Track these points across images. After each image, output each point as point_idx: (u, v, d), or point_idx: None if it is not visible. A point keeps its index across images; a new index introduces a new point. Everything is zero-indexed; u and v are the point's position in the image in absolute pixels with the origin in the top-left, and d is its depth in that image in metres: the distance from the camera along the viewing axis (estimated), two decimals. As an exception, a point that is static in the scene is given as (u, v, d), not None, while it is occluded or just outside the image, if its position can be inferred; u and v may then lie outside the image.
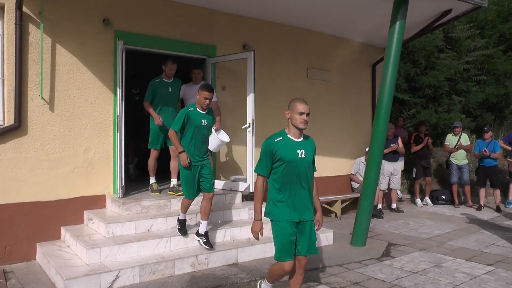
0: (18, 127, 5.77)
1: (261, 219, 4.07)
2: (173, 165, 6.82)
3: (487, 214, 9.55)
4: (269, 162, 3.94)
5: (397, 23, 6.47)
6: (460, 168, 10.38)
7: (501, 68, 13.94)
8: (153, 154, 6.82)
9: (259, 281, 4.59)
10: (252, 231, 4.08)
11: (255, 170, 4.06)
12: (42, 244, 5.87)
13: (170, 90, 6.76)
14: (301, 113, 3.86)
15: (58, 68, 6.11)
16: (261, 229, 4.10)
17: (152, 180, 6.88)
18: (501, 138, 11.36)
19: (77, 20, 6.26)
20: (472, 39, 14.02)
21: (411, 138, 10.90)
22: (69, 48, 6.20)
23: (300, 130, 3.96)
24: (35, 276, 5.29)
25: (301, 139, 4.01)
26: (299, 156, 3.91)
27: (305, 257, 4.06)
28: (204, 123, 5.63)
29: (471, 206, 10.41)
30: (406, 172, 11.41)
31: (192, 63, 7.51)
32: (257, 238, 4.12)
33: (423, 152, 10.57)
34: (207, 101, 5.52)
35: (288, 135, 3.97)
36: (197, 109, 5.61)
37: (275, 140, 3.91)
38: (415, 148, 10.61)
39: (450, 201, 10.73)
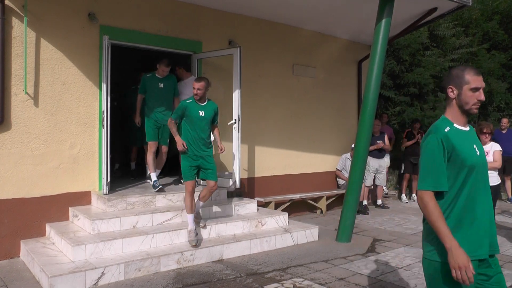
0: (1, 122, 5.70)
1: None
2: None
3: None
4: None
5: (383, 20, 6.51)
6: None
7: (485, 66, 14.12)
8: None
9: None
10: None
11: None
12: (26, 241, 5.82)
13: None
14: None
15: (43, 63, 6.04)
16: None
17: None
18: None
19: (62, 14, 6.19)
20: (456, 37, 14.17)
21: (404, 134, 11.02)
22: (54, 43, 6.13)
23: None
24: (18, 273, 5.23)
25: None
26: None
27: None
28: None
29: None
30: (393, 168, 11.52)
31: (178, 59, 7.49)
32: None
33: (412, 149, 10.67)
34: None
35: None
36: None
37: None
38: (406, 144, 10.71)
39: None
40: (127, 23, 6.76)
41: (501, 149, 6.47)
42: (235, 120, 6.99)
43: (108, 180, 6.35)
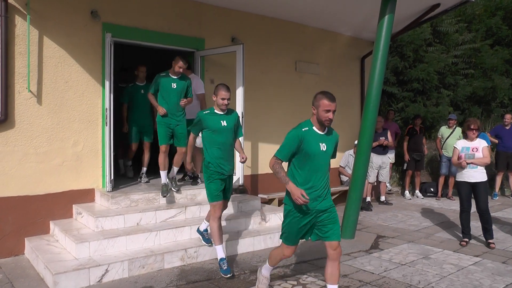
0: (4, 120, 5.71)
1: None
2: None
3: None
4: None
5: (386, 17, 6.49)
6: (450, 160, 10.47)
7: (488, 62, 14.08)
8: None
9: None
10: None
11: None
12: (31, 238, 5.84)
13: (175, 86, 6.36)
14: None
15: (46, 61, 6.05)
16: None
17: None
18: (488, 131, 11.49)
19: (64, 12, 6.19)
20: (459, 33, 14.13)
21: (406, 131, 10.99)
22: (57, 41, 6.13)
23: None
24: (23, 271, 5.25)
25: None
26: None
27: None
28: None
29: (449, 198, 10.55)
30: (396, 165, 11.50)
31: (182, 55, 7.48)
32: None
33: (415, 145, 10.64)
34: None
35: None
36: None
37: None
38: (405, 145, 10.70)
39: (437, 193, 10.83)
40: (130, 21, 6.76)
41: (487, 144, 6.54)
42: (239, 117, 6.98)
43: (112, 178, 6.35)
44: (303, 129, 4.01)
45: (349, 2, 7.70)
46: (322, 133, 4.05)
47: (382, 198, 9.89)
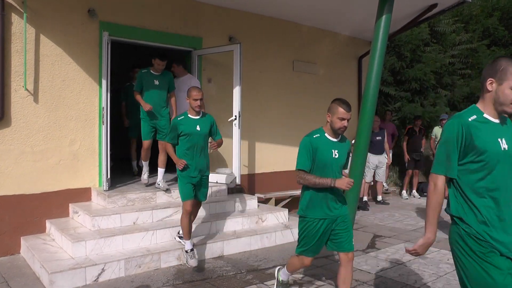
0: (1, 118, 5.69)
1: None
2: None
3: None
4: None
5: (383, 16, 6.48)
6: None
7: (485, 62, 14.10)
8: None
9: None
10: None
11: None
12: (27, 237, 5.82)
13: (157, 83, 6.48)
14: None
15: (42, 59, 6.03)
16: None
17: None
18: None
19: (61, 10, 6.17)
20: (457, 33, 14.16)
21: (405, 130, 11.01)
22: (54, 39, 6.11)
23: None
24: (19, 270, 5.24)
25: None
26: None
27: None
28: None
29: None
30: (394, 165, 11.52)
31: (176, 56, 7.48)
32: None
33: (415, 145, 10.66)
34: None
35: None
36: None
37: None
38: (404, 146, 10.73)
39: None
40: (127, 19, 6.74)
41: None
42: (235, 116, 6.98)
43: (108, 177, 6.34)
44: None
45: (346, 2, 7.70)
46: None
47: (379, 198, 9.90)
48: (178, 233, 5.66)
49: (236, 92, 7.01)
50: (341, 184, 3.66)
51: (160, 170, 6.53)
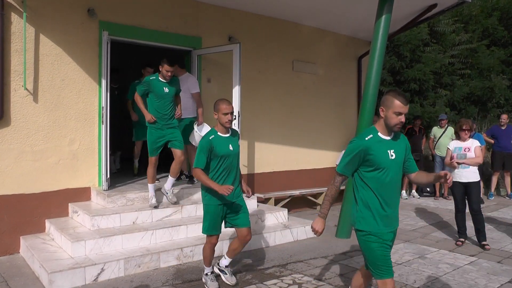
0: (0, 118, 5.68)
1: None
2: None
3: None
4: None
5: (383, 16, 6.49)
6: (443, 159, 10.48)
7: (484, 62, 14.14)
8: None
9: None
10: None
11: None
12: (26, 237, 5.81)
13: (167, 91, 6.04)
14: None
15: (42, 58, 6.03)
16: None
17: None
18: (484, 131, 11.52)
19: (61, 10, 6.17)
20: (456, 33, 14.17)
21: (405, 130, 11.02)
22: (53, 38, 6.11)
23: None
24: (18, 269, 5.24)
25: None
26: None
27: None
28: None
29: (445, 197, 10.58)
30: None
31: (174, 55, 7.47)
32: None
33: (414, 145, 10.66)
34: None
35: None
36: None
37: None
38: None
39: (435, 193, 10.86)
40: (127, 19, 6.74)
41: (480, 144, 6.58)
42: (235, 116, 6.98)
43: (108, 176, 6.34)
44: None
45: (346, 2, 7.71)
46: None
47: (378, 198, 9.88)
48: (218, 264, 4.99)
49: (236, 92, 7.01)
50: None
51: (171, 179, 6.14)
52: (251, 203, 7.01)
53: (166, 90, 6.01)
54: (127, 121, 7.95)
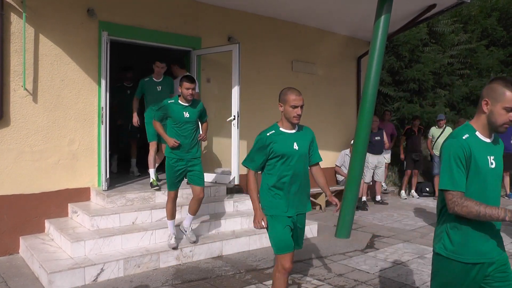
0: (0, 118, 5.68)
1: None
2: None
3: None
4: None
5: (382, 17, 6.50)
6: None
7: (483, 62, 14.14)
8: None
9: None
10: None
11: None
12: (26, 237, 5.81)
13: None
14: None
15: (42, 59, 6.03)
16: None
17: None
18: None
19: (60, 10, 6.17)
20: (455, 34, 14.17)
21: (404, 131, 11.03)
22: (53, 38, 6.11)
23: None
24: (18, 270, 5.24)
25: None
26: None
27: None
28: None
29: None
30: (393, 165, 11.53)
31: (173, 55, 7.49)
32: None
33: (413, 145, 10.68)
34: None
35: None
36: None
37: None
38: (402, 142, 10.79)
39: (434, 193, 10.87)
40: (126, 19, 6.74)
41: None
42: (234, 116, 6.98)
43: (107, 176, 6.34)
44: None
45: (345, 2, 7.71)
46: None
47: (378, 198, 9.91)
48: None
49: (235, 92, 7.01)
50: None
51: (190, 217, 5.57)
52: (251, 203, 7.00)
53: (187, 115, 5.33)
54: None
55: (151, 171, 6.63)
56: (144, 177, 7.55)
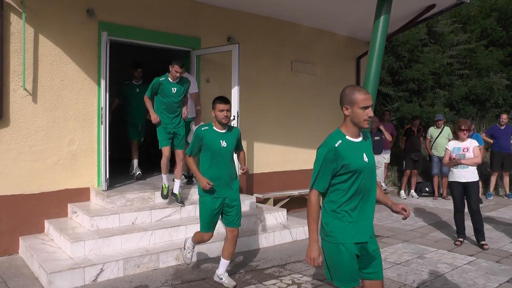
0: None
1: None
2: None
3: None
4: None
5: (382, 17, 6.50)
6: (440, 159, 10.50)
7: (482, 62, 14.16)
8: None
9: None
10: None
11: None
12: (25, 237, 5.81)
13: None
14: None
15: (41, 59, 6.03)
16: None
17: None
18: (483, 131, 11.55)
19: (60, 10, 6.17)
20: (455, 34, 14.19)
21: (403, 131, 11.05)
22: (52, 39, 6.11)
23: None
24: (17, 270, 5.24)
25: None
26: None
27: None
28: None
29: (444, 197, 10.62)
30: (392, 165, 11.53)
31: (173, 55, 7.46)
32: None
33: (413, 145, 10.69)
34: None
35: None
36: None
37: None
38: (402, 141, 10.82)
39: (433, 193, 10.88)
40: (126, 19, 6.74)
41: (479, 145, 6.62)
42: (234, 116, 6.98)
43: (107, 176, 6.34)
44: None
45: (345, 2, 7.71)
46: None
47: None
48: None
49: (235, 92, 7.01)
50: None
51: (224, 262, 4.87)
52: (250, 204, 7.02)
53: (224, 144, 4.74)
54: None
55: (164, 177, 6.24)
56: (144, 177, 7.54)
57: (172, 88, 6.12)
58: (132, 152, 7.83)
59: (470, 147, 6.43)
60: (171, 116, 6.17)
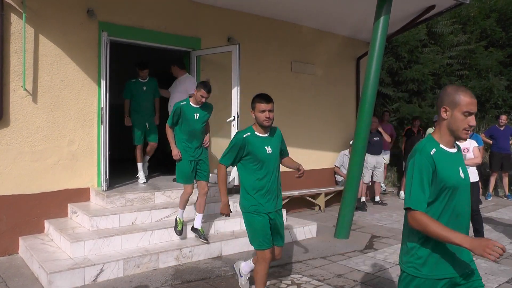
0: (0, 118, 5.69)
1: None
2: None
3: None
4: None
5: (382, 18, 6.52)
6: None
7: (482, 63, 14.17)
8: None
9: None
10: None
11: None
12: (25, 237, 5.82)
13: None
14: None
15: (41, 59, 6.03)
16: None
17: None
18: (483, 132, 11.56)
19: (60, 10, 6.17)
20: (454, 34, 14.20)
21: (404, 131, 11.06)
22: (53, 39, 6.12)
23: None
24: (17, 270, 5.24)
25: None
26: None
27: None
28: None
29: None
30: (392, 166, 11.54)
31: (174, 56, 7.49)
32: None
33: (413, 146, 10.66)
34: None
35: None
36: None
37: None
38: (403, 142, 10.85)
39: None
40: (126, 20, 6.75)
41: (478, 145, 6.66)
42: (234, 117, 6.99)
43: (107, 177, 6.34)
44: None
45: (345, 3, 7.73)
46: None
47: (377, 199, 9.92)
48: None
49: (235, 92, 7.02)
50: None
51: (247, 266, 4.78)
52: (250, 204, 7.01)
53: (269, 150, 4.28)
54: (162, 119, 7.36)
55: (180, 212, 5.82)
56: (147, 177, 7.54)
57: (195, 114, 5.58)
58: (137, 156, 7.30)
59: (470, 148, 6.45)
60: (193, 147, 5.66)
